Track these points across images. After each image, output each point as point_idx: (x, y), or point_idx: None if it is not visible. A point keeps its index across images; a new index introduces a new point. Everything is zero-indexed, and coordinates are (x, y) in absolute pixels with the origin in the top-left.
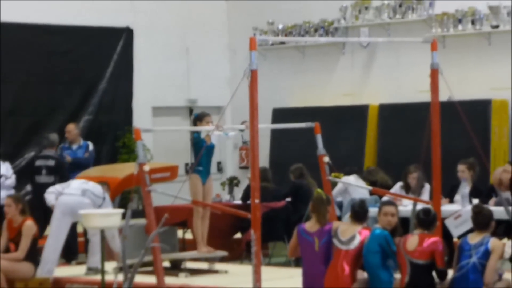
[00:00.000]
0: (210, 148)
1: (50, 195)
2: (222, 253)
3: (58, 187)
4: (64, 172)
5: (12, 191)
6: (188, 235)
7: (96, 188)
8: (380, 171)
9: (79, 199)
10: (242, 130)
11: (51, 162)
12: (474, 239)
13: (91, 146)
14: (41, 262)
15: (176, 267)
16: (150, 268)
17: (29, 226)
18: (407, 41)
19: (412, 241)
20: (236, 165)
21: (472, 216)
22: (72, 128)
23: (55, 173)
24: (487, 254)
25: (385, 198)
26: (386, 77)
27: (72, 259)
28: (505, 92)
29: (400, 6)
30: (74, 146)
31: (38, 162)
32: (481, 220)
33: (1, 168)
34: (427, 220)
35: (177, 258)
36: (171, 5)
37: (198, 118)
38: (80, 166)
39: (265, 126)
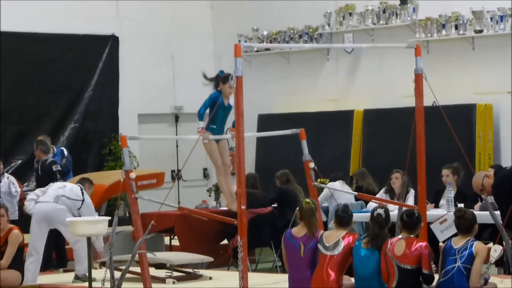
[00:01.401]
0: (227, 109)
1: (29, 203)
2: (209, 259)
3: (38, 192)
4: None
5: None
6: (175, 242)
7: (73, 191)
8: (368, 175)
9: (52, 206)
10: None
11: (59, 167)
12: (458, 243)
13: (65, 152)
14: (24, 271)
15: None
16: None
17: (16, 234)
18: (391, 47)
19: (399, 246)
20: None
21: (455, 220)
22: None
23: (62, 176)
24: (471, 258)
25: (371, 204)
26: (371, 83)
27: (61, 266)
28: (489, 96)
29: (384, 11)
30: (50, 155)
31: (54, 168)
32: (464, 224)
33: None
34: (411, 222)
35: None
36: (156, 13)
37: (222, 79)
38: (61, 173)
39: (251, 134)
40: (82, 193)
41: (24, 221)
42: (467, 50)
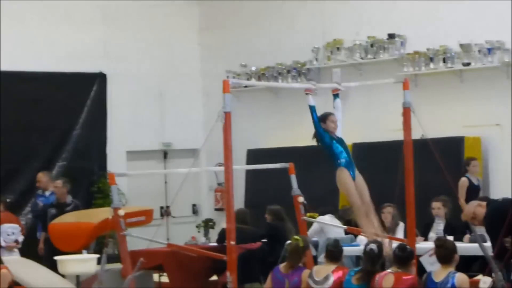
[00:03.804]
0: (341, 140)
1: None
2: None
3: None
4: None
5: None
6: (165, 279)
7: (8, 228)
8: None
9: None
10: None
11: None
12: (439, 276)
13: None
14: None
15: None
16: None
17: (5, 274)
18: (379, 83)
19: (387, 280)
20: (211, 207)
21: (435, 250)
22: (41, 177)
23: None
24: None
25: (360, 237)
26: (359, 116)
27: None
28: (478, 129)
29: (372, 46)
30: (47, 193)
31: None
32: (444, 252)
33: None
34: (403, 256)
35: None
36: (144, 50)
37: (322, 120)
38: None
39: (240, 167)
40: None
41: None
42: (455, 83)
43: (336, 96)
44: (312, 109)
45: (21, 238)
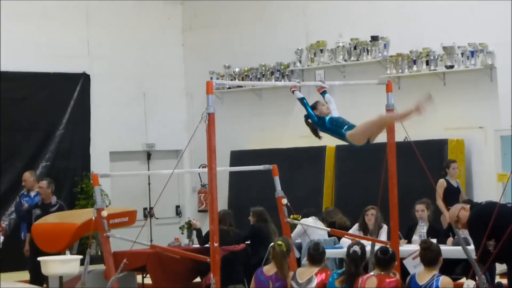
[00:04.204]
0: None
1: None
2: None
3: None
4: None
5: None
6: (148, 280)
7: None
8: (338, 212)
9: None
10: None
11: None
12: (423, 279)
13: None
14: None
15: None
16: None
17: None
18: (362, 84)
19: (370, 283)
20: (195, 209)
21: (420, 252)
22: (28, 176)
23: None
24: None
25: (343, 239)
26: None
27: None
28: (461, 131)
29: (355, 48)
30: (32, 193)
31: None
32: (429, 255)
33: None
34: (385, 259)
35: None
36: (127, 50)
37: (313, 107)
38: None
39: (223, 169)
40: None
41: None
42: (438, 86)
43: (324, 93)
44: (302, 100)
45: (1, 239)
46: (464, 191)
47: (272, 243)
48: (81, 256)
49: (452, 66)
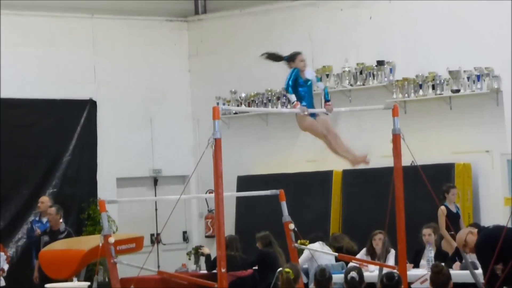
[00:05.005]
0: (308, 84)
1: None
2: None
3: None
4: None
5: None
6: None
7: None
8: (345, 237)
9: None
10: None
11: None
12: None
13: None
14: None
15: None
16: None
17: None
18: (368, 109)
19: None
20: (202, 234)
21: (431, 276)
22: (46, 200)
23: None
24: None
25: (351, 264)
26: (349, 143)
27: None
28: (468, 155)
29: (361, 72)
30: (44, 219)
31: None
32: (441, 279)
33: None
34: (391, 285)
35: None
36: (134, 76)
37: (291, 58)
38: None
39: (230, 194)
40: None
41: None
42: (445, 110)
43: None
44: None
45: (6, 267)
46: (471, 215)
47: (280, 269)
48: (88, 283)
49: (458, 90)
